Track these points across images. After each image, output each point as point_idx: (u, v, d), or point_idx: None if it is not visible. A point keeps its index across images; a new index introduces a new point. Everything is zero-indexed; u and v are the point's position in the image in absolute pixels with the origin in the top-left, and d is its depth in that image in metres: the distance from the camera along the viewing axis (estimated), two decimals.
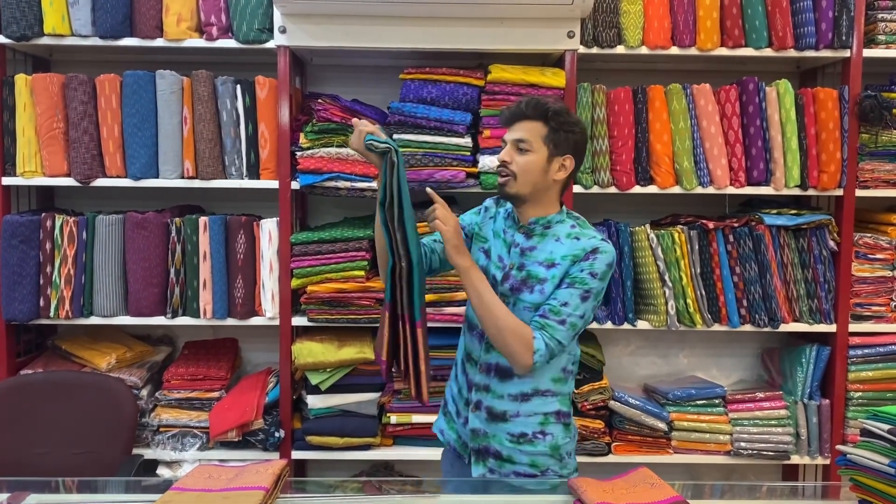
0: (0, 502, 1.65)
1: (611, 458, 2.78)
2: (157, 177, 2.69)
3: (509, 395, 1.89)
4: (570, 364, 1.94)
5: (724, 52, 2.71)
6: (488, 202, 2.06)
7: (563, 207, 1.93)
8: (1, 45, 2.66)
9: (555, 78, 2.65)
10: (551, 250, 1.85)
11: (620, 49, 2.69)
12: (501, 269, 1.90)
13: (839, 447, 1.60)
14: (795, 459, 2.82)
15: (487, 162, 2.65)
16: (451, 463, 2.06)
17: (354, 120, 1.86)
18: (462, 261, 1.84)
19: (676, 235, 2.70)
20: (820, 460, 2.83)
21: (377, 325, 2.67)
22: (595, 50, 2.69)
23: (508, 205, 1.97)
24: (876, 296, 2.81)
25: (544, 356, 1.80)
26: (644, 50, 2.69)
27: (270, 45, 2.65)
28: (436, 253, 1.99)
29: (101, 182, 2.70)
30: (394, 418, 2.74)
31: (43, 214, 2.67)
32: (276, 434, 2.68)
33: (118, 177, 2.70)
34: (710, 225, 2.72)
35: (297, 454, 2.74)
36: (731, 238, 2.73)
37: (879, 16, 2.73)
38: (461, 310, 2.65)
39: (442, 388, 2.27)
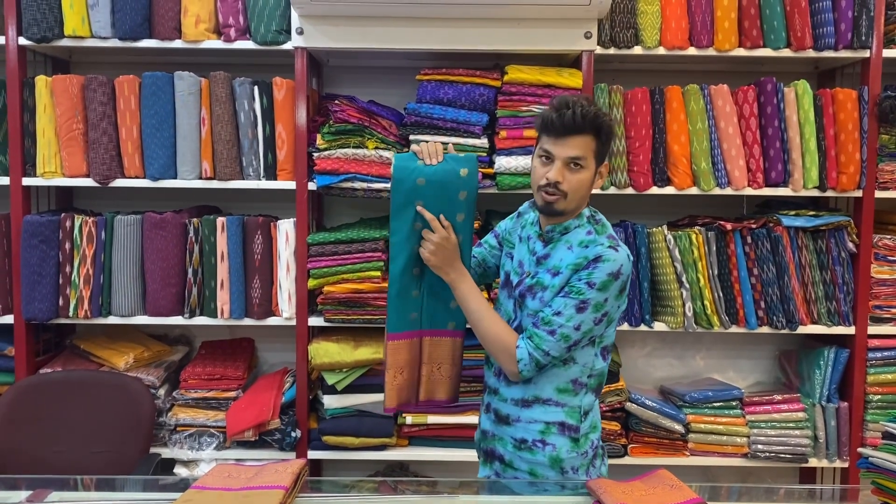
0: (20, 500, 1.66)
1: (627, 460, 2.77)
2: (175, 177, 2.71)
3: (512, 400, 1.88)
4: (585, 377, 1.84)
5: (741, 52, 2.69)
6: (523, 206, 2.01)
7: (586, 209, 1.85)
8: (21, 46, 2.68)
9: (571, 78, 2.64)
10: (560, 258, 1.79)
11: (638, 50, 2.68)
12: (519, 275, 1.89)
13: (861, 450, 1.59)
14: (813, 462, 2.81)
15: (504, 162, 2.65)
16: None
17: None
18: (444, 275, 1.87)
19: (694, 237, 2.68)
20: (838, 463, 2.81)
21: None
22: (612, 50, 2.68)
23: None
24: (895, 298, 2.78)
25: (528, 365, 1.78)
26: (661, 50, 2.68)
27: (288, 46, 2.66)
28: (486, 262, 2.07)
29: (119, 182, 2.72)
30: (409, 419, 2.74)
31: (62, 215, 2.69)
32: (293, 434, 2.69)
33: (136, 177, 2.72)
34: (728, 226, 2.70)
35: (313, 454, 2.75)
36: (748, 239, 2.71)
37: None
38: None
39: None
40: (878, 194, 2.75)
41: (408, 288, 1.92)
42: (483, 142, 2.67)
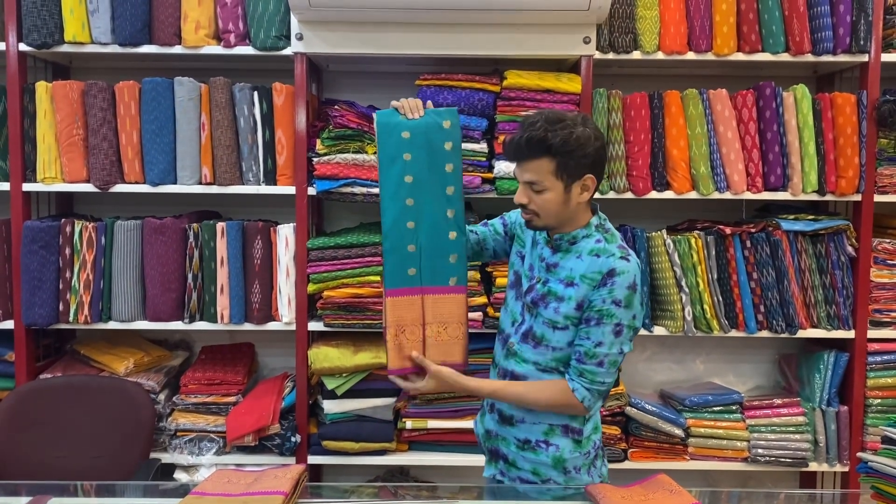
0: None
1: (627, 465, 2.77)
2: (174, 183, 2.71)
3: None
4: None
5: (740, 57, 2.70)
6: None
7: (594, 218, 1.84)
8: (22, 52, 2.69)
9: (570, 83, 2.65)
10: (571, 267, 1.79)
11: (636, 54, 2.69)
12: (529, 279, 1.89)
13: (860, 454, 1.59)
14: (813, 467, 2.81)
15: (503, 167, 2.65)
16: None
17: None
18: (467, 391, 1.89)
19: (693, 241, 2.69)
20: (838, 468, 2.81)
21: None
22: (611, 55, 2.68)
23: None
24: (895, 302, 2.78)
25: (592, 400, 1.80)
26: (660, 55, 2.69)
27: (287, 51, 2.67)
28: (486, 242, 2.05)
29: (119, 188, 2.72)
30: (409, 423, 2.74)
31: (62, 220, 2.69)
32: (293, 439, 2.69)
33: (136, 183, 2.72)
34: (727, 230, 2.71)
35: (312, 459, 2.75)
36: (748, 243, 2.72)
37: None
38: (477, 315, 2.65)
39: None
40: (878, 198, 2.75)
41: (402, 242, 1.91)
42: (482, 147, 2.68)
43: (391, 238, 1.91)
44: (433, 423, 2.74)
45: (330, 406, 2.71)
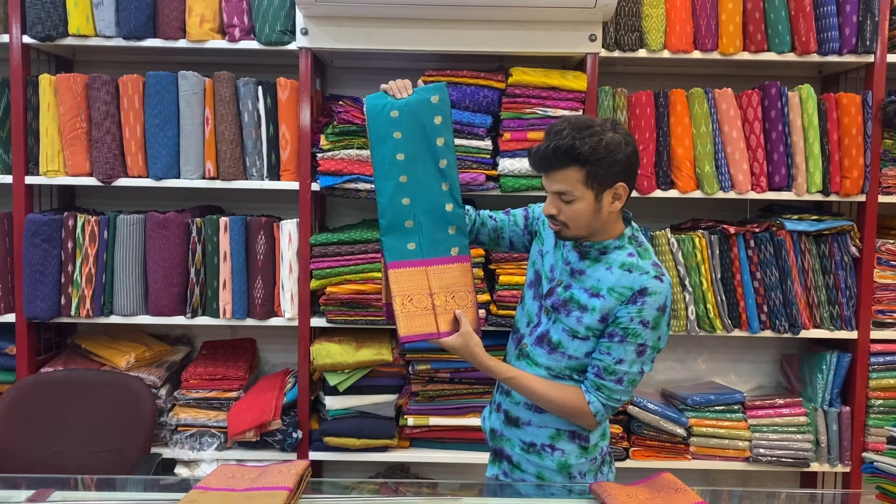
0: (22, 500, 1.66)
1: (629, 464, 2.77)
2: (178, 177, 2.71)
3: (525, 404, 1.87)
4: None
5: (746, 56, 2.69)
6: None
7: (628, 229, 1.78)
8: (25, 45, 2.68)
9: (576, 81, 2.64)
10: (599, 278, 1.74)
11: (642, 53, 2.68)
12: (549, 281, 1.84)
13: (865, 454, 1.59)
14: (815, 467, 2.81)
15: (507, 164, 2.64)
16: None
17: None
18: (483, 368, 1.84)
19: (697, 240, 2.68)
20: (840, 468, 2.80)
21: (395, 326, 2.68)
22: (617, 53, 2.68)
23: None
24: None
25: (605, 415, 1.78)
26: (666, 54, 2.68)
27: (292, 46, 2.66)
28: (503, 231, 2.01)
29: (122, 182, 2.71)
30: (411, 420, 2.73)
31: (65, 214, 2.69)
32: (294, 435, 2.69)
33: (140, 177, 2.72)
34: (731, 230, 2.70)
35: (314, 455, 2.75)
36: (751, 243, 2.71)
37: None
38: (479, 313, 2.65)
39: None
40: (882, 199, 2.74)
41: (398, 218, 1.92)
42: (487, 143, 2.67)
43: (387, 215, 1.92)
44: (435, 421, 2.74)
45: (332, 402, 2.70)
